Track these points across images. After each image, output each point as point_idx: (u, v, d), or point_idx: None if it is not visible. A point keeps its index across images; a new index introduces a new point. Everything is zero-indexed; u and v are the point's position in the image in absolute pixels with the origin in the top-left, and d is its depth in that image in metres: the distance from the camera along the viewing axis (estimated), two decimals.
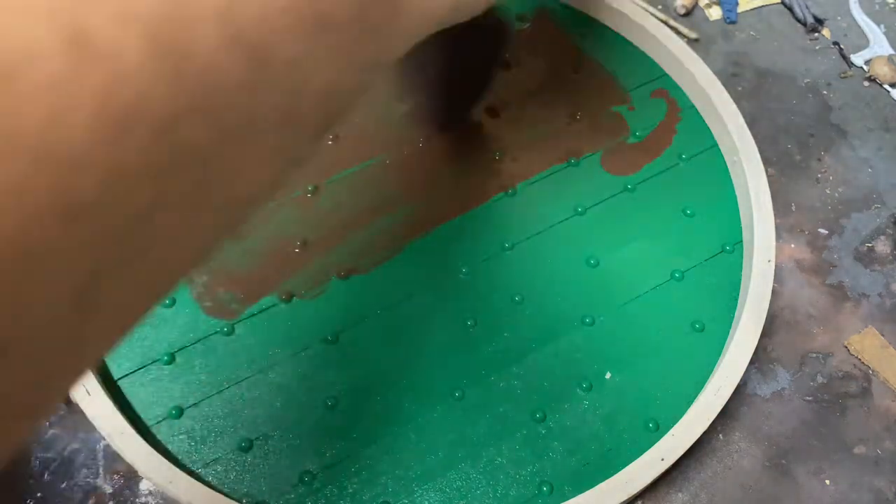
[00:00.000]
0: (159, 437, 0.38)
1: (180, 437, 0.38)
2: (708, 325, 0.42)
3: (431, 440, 0.39)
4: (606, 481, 0.36)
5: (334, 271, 0.43)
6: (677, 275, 0.44)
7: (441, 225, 0.45)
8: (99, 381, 0.37)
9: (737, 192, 0.47)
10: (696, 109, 0.50)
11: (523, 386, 0.40)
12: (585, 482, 0.37)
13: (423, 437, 0.39)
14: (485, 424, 0.39)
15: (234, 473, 0.38)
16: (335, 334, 0.41)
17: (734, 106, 0.48)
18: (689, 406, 0.39)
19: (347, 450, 0.38)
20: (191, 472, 0.36)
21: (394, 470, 0.38)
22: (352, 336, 0.41)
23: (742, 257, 0.45)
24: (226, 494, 0.36)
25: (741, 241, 0.45)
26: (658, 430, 0.39)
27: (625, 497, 0.36)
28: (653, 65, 0.52)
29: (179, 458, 0.38)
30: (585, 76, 0.52)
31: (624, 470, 0.37)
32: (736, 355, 0.40)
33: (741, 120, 0.48)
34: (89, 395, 0.37)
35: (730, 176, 0.48)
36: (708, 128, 0.50)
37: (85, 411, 0.37)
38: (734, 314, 0.43)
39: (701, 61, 0.50)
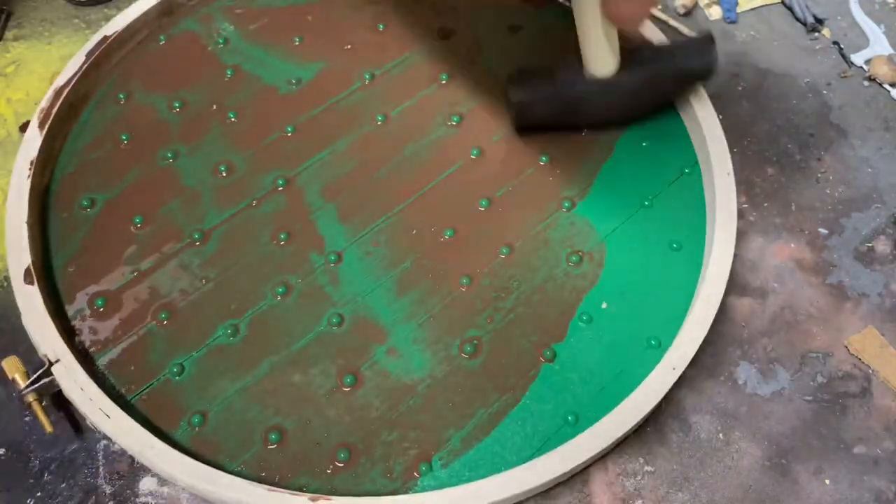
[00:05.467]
0: (186, 444, 0.38)
1: (209, 440, 0.39)
2: (684, 243, 0.46)
3: (450, 395, 0.40)
4: (626, 399, 0.39)
5: (323, 260, 0.44)
6: (647, 202, 0.47)
7: (415, 195, 0.47)
8: (116, 404, 0.37)
9: (684, 119, 0.50)
10: None
11: (527, 330, 0.42)
12: (606, 404, 0.39)
13: (441, 394, 0.40)
14: (499, 373, 0.41)
15: (271, 463, 0.38)
16: (339, 315, 0.42)
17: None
18: (683, 318, 0.42)
19: (376, 421, 0.40)
20: (231, 472, 0.37)
21: (422, 427, 0.39)
22: (354, 315, 0.42)
23: (701, 176, 0.48)
24: (270, 485, 0.36)
25: (697, 163, 0.49)
26: (661, 346, 0.42)
27: (647, 409, 0.39)
28: None
29: (216, 459, 0.38)
30: (526, 36, 0.54)
31: (641, 385, 0.39)
32: (717, 263, 0.43)
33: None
34: (109, 417, 0.37)
35: (674, 105, 0.51)
36: None
37: (108, 433, 0.37)
38: (705, 228, 0.46)
39: None
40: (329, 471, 0.38)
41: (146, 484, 0.39)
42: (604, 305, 0.43)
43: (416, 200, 0.46)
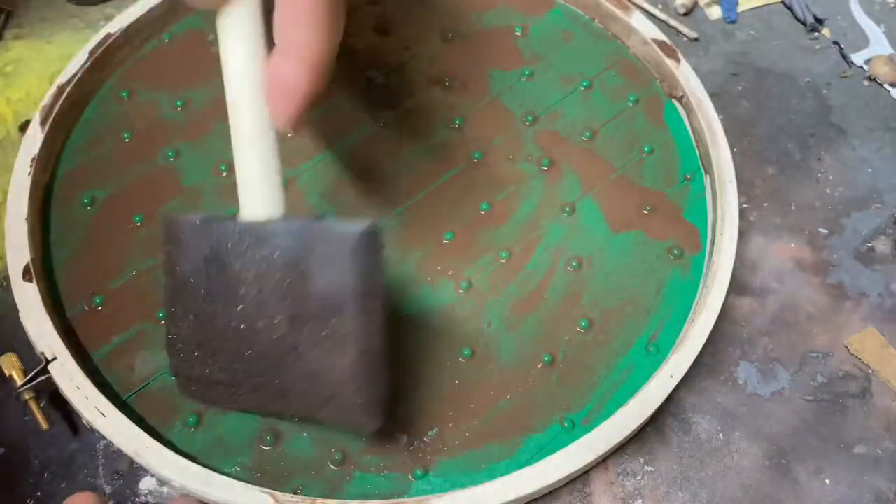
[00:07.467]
0: (182, 445, 0.38)
1: (204, 441, 0.38)
2: (685, 250, 0.45)
3: (447, 400, 0.40)
4: (624, 406, 0.38)
5: None
6: (647, 208, 0.46)
7: (415, 197, 0.47)
8: (111, 402, 0.37)
9: (687, 125, 0.49)
10: (638, 57, 0.52)
11: (525, 335, 0.42)
12: (604, 412, 0.39)
13: (440, 399, 0.40)
14: (496, 377, 0.41)
15: (266, 465, 0.38)
16: None
17: (677, 51, 0.50)
18: (683, 325, 0.42)
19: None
20: (224, 473, 0.36)
21: (417, 431, 0.39)
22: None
23: (703, 183, 0.47)
24: (265, 487, 0.36)
25: (699, 169, 0.48)
26: (659, 352, 0.41)
27: (645, 417, 0.38)
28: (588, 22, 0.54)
29: (209, 462, 0.37)
30: (529, 38, 0.53)
31: (639, 392, 0.39)
32: (718, 271, 0.42)
33: (682, 59, 0.49)
34: (104, 416, 0.36)
35: (677, 110, 0.50)
36: (649, 70, 0.52)
37: (103, 432, 0.36)
38: (706, 236, 0.45)
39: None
40: (324, 473, 0.38)
41: (146, 484, 0.39)
42: (603, 311, 0.43)
43: (417, 203, 0.46)
